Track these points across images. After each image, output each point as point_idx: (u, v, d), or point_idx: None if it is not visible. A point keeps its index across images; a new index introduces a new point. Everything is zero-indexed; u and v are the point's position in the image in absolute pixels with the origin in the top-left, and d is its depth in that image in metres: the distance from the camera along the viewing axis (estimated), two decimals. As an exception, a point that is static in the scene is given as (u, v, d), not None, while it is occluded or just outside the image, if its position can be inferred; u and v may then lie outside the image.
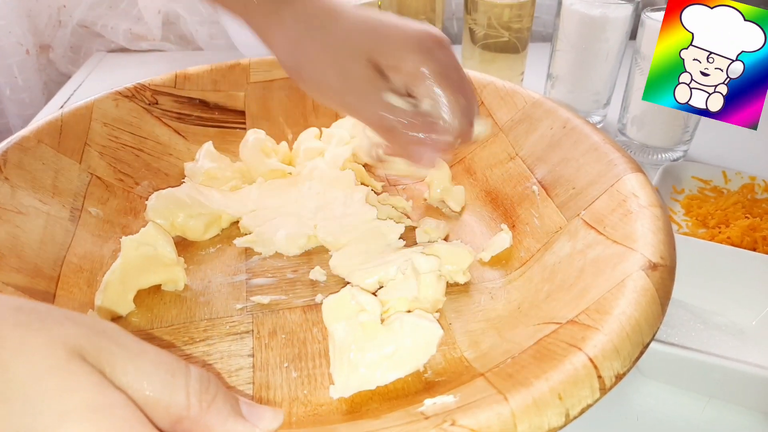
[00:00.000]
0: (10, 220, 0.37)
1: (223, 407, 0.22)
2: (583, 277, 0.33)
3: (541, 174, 0.44)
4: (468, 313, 0.37)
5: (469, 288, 0.39)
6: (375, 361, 0.31)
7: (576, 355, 0.26)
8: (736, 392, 0.35)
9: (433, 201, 0.48)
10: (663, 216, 0.34)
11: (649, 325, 0.27)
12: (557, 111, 0.45)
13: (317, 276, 0.41)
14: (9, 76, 0.84)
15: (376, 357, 0.31)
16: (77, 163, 0.44)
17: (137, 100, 0.50)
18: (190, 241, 0.44)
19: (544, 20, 0.91)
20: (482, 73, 0.52)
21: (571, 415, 0.23)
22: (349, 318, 0.32)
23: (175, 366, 0.22)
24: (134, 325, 0.37)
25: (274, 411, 0.24)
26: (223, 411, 0.22)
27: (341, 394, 0.31)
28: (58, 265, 0.38)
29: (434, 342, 0.32)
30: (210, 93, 0.54)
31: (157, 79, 0.52)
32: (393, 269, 0.38)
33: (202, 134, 0.53)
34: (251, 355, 0.35)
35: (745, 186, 0.54)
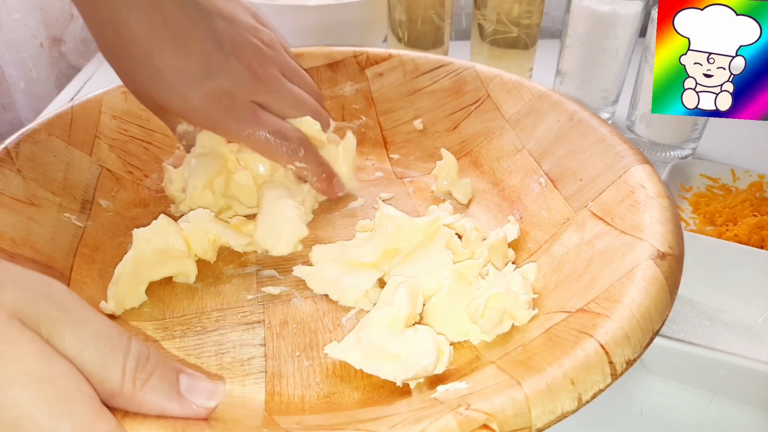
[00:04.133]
0: (24, 212, 0.37)
1: (159, 385, 0.22)
2: (591, 267, 0.34)
3: (548, 166, 0.44)
4: (477, 303, 0.38)
5: (477, 279, 0.40)
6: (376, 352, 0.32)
7: (587, 341, 0.26)
8: (741, 389, 0.35)
9: (440, 194, 0.49)
10: (671, 207, 0.34)
11: (658, 313, 0.27)
12: (564, 104, 0.46)
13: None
14: (24, 69, 0.84)
15: (377, 350, 0.32)
16: (87, 155, 0.45)
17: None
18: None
19: (553, 16, 0.91)
20: (489, 67, 0.53)
21: (584, 399, 0.24)
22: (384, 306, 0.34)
23: (116, 340, 0.22)
24: (147, 315, 0.37)
25: (213, 386, 0.24)
26: (158, 389, 0.22)
27: (331, 353, 0.32)
28: (71, 256, 0.38)
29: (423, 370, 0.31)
30: (217, 86, 0.54)
31: (165, 73, 0.52)
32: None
33: (209, 127, 0.53)
34: (263, 345, 0.35)
35: (753, 184, 0.54)
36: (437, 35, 0.71)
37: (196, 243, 0.40)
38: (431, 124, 0.54)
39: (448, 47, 0.74)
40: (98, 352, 0.21)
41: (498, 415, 0.22)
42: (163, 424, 0.23)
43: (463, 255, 0.38)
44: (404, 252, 0.39)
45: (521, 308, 0.33)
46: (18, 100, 0.86)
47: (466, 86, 0.53)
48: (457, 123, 0.53)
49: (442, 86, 0.54)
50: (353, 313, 0.37)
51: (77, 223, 0.41)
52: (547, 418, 0.23)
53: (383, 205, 0.40)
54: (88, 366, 0.20)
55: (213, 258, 0.41)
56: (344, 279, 0.38)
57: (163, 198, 0.47)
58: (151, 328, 0.36)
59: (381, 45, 0.79)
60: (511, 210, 0.45)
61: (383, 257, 0.39)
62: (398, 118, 0.55)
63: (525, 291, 0.34)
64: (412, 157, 0.53)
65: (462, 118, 0.53)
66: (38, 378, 0.19)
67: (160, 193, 0.47)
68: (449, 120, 0.53)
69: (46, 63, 0.86)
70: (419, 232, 0.39)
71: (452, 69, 0.54)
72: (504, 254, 0.40)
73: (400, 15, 0.69)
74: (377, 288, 0.38)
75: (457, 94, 0.53)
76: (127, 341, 0.22)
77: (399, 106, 0.55)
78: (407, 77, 0.55)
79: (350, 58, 0.56)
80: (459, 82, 0.53)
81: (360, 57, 0.56)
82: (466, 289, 0.36)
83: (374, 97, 0.56)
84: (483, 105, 0.52)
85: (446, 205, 0.46)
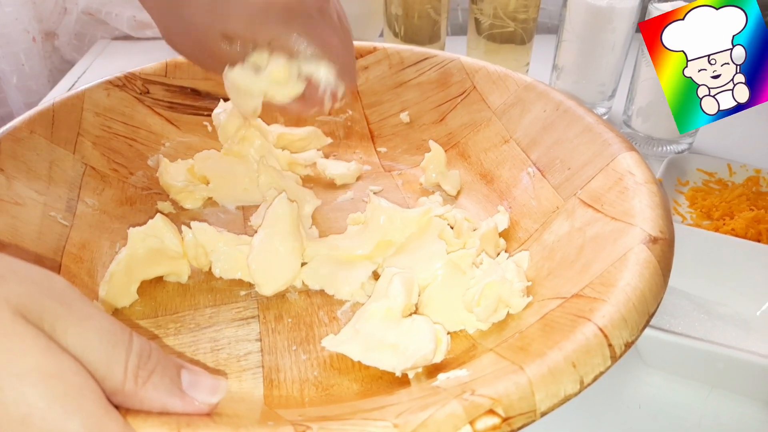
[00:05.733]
0: (8, 211, 0.36)
1: (161, 382, 0.22)
2: (584, 254, 0.34)
3: (536, 156, 0.45)
4: (470, 292, 0.38)
5: (469, 269, 0.40)
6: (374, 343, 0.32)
7: (585, 325, 0.26)
8: (739, 382, 0.36)
9: (429, 186, 0.49)
10: (659, 192, 0.35)
11: (653, 296, 0.28)
12: (550, 93, 0.46)
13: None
14: (16, 63, 0.82)
15: (375, 341, 0.32)
16: (71, 153, 0.44)
17: (128, 90, 0.50)
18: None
19: (550, 12, 0.91)
20: (474, 59, 0.53)
21: (585, 382, 0.24)
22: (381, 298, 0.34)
23: (119, 336, 0.21)
24: (138, 313, 0.37)
25: (215, 382, 0.24)
26: (160, 387, 0.22)
27: (328, 346, 0.32)
28: (59, 255, 0.37)
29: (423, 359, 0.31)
30: (200, 81, 0.53)
31: (148, 68, 0.51)
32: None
33: (194, 123, 0.52)
34: (259, 340, 0.35)
35: (749, 179, 0.54)
36: (434, 30, 0.71)
37: (191, 251, 0.39)
38: (418, 116, 0.54)
39: (444, 42, 0.74)
40: (101, 349, 0.20)
41: (503, 400, 0.23)
42: (166, 421, 0.22)
43: (456, 245, 0.39)
44: (397, 243, 0.39)
45: (516, 296, 0.34)
46: (10, 95, 0.85)
47: (452, 78, 0.53)
48: (443, 115, 0.53)
49: (428, 78, 0.54)
50: (348, 305, 0.37)
51: (63, 222, 0.40)
52: (551, 401, 0.23)
53: (374, 197, 0.40)
54: (91, 363, 0.20)
55: (207, 266, 0.40)
56: (339, 272, 0.38)
57: (150, 195, 0.46)
58: (144, 326, 0.36)
59: (377, 39, 0.78)
60: (501, 200, 0.46)
61: (377, 249, 0.39)
62: (385, 111, 0.55)
63: (519, 279, 0.35)
64: (400, 149, 0.54)
65: (448, 110, 0.53)
66: (46, 374, 0.18)
67: (146, 190, 0.47)
68: (436, 112, 0.53)
69: (39, 57, 0.85)
70: (412, 223, 0.39)
71: (437, 61, 0.54)
72: (495, 244, 0.41)
73: (396, 9, 0.69)
74: (372, 280, 0.38)
75: (443, 86, 0.53)
76: (129, 338, 0.22)
77: (385, 99, 0.55)
78: (393, 70, 0.55)
79: (335, 51, 0.56)
80: (444, 74, 0.53)
81: (345, 50, 0.56)
82: (461, 278, 0.36)
83: (360, 91, 0.55)
84: (469, 96, 0.52)
85: (436, 197, 0.46)
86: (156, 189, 0.47)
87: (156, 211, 0.44)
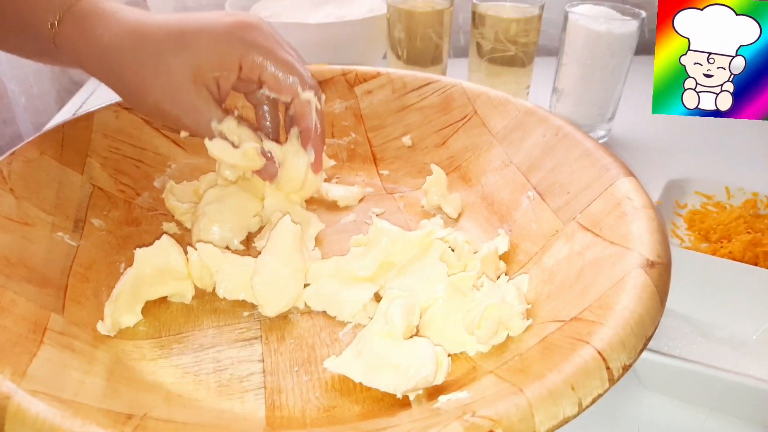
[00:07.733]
0: (17, 231, 0.37)
1: None
2: (582, 277, 0.35)
3: (536, 180, 0.45)
4: (471, 314, 0.38)
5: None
6: (375, 364, 0.32)
7: (584, 348, 0.27)
8: (736, 405, 0.36)
9: (430, 208, 0.50)
10: (657, 217, 0.35)
11: (651, 319, 0.28)
12: (549, 118, 0.47)
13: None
14: (25, 84, 0.84)
15: (377, 363, 0.32)
16: (79, 174, 0.45)
17: (136, 112, 0.51)
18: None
19: (550, 34, 0.93)
20: (475, 84, 0.54)
21: (584, 404, 0.25)
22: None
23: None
24: (143, 333, 0.37)
25: None
26: None
27: (330, 367, 0.33)
28: (65, 275, 0.38)
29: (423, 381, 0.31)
30: (207, 105, 0.54)
31: (156, 92, 0.52)
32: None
33: (200, 145, 0.52)
34: (261, 361, 0.35)
35: (747, 201, 0.55)
36: (436, 53, 0.73)
37: (196, 271, 0.39)
38: (420, 140, 0.55)
39: (446, 64, 0.75)
40: None
41: (503, 421, 0.23)
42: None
43: (457, 267, 0.39)
44: (399, 265, 0.39)
45: (516, 318, 0.34)
46: (19, 115, 0.86)
47: (454, 103, 0.54)
48: (445, 139, 0.54)
49: (430, 103, 0.55)
50: (350, 327, 0.38)
51: (70, 242, 0.40)
52: (550, 423, 0.24)
53: (377, 219, 0.41)
54: None
55: (210, 287, 0.40)
56: (341, 294, 0.38)
57: (155, 216, 0.47)
58: (148, 346, 0.36)
59: (380, 62, 0.80)
60: (501, 223, 0.46)
61: (379, 271, 0.39)
62: (387, 135, 0.56)
63: (519, 301, 0.35)
64: (402, 172, 0.54)
65: (450, 134, 0.54)
66: None
67: (152, 211, 0.47)
68: (438, 136, 0.54)
69: (48, 78, 0.86)
70: (413, 245, 0.39)
71: (440, 86, 0.55)
72: (496, 266, 0.41)
73: (399, 33, 0.71)
74: (374, 302, 0.38)
75: (445, 110, 0.54)
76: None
77: (388, 122, 0.56)
78: (396, 94, 0.56)
79: (339, 76, 0.57)
80: (446, 98, 0.55)
81: (349, 75, 0.57)
82: (461, 300, 0.37)
83: (363, 114, 0.57)
84: (470, 121, 0.53)
85: (437, 220, 0.47)
86: (162, 210, 0.48)
87: (162, 232, 0.45)
